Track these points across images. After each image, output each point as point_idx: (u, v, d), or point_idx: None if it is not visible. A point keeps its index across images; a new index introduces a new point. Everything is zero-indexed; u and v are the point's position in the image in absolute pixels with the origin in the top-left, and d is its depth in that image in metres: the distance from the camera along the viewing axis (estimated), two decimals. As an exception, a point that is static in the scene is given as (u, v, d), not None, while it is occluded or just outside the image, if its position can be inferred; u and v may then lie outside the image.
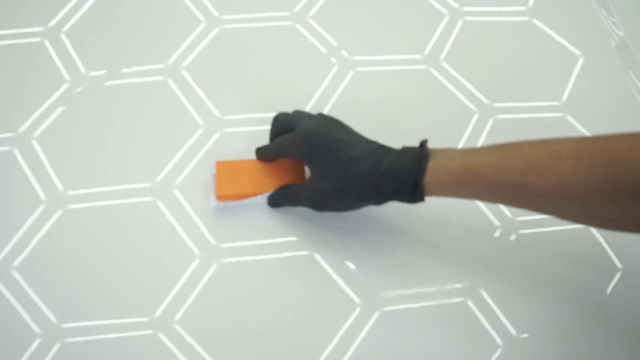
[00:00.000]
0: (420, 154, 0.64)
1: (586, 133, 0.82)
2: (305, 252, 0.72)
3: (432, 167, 0.63)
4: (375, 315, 0.70)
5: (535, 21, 0.90)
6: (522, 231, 0.75)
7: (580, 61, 0.87)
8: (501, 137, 0.79)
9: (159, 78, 0.80)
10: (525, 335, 0.70)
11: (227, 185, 0.71)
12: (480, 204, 0.76)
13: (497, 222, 0.76)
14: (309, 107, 0.80)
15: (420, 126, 0.81)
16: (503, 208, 0.76)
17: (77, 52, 0.81)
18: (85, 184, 0.74)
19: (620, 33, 0.90)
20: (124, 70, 0.80)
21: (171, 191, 0.74)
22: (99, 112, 0.78)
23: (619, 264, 0.75)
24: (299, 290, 0.71)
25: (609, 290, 0.73)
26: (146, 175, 0.75)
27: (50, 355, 0.65)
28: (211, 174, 0.73)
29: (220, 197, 0.71)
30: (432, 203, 0.76)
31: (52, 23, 0.83)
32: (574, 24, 0.90)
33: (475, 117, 0.82)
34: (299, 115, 0.70)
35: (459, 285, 0.72)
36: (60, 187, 0.73)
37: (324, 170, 0.66)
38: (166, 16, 0.85)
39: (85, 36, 0.82)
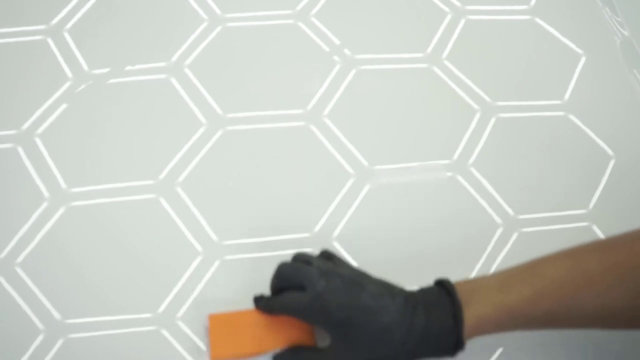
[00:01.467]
0: (452, 308, 0.58)
1: (588, 132, 0.82)
2: (307, 249, 0.72)
3: (470, 320, 0.58)
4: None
5: (537, 20, 0.90)
6: (524, 229, 0.75)
7: (583, 60, 0.87)
8: (503, 137, 0.80)
9: (162, 76, 0.80)
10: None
11: (223, 343, 0.62)
12: (482, 201, 0.76)
13: (499, 220, 0.76)
14: (312, 106, 0.80)
15: (421, 125, 0.81)
16: (505, 207, 0.76)
17: (80, 50, 0.81)
18: (88, 182, 0.74)
19: (625, 32, 0.90)
20: (128, 68, 0.80)
21: (174, 189, 0.74)
22: (102, 109, 0.78)
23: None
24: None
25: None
26: (149, 173, 0.75)
27: (54, 350, 0.65)
28: (204, 327, 0.65)
29: (215, 358, 0.62)
30: (433, 202, 0.76)
31: (54, 21, 0.83)
32: (577, 23, 0.90)
33: (478, 115, 0.82)
34: (308, 273, 0.60)
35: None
36: (63, 184, 0.73)
37: (351, 343, 0.58)
38: (169, 14, 0.85)
39: (88, 34, 0.82)
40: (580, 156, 0.81)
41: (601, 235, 0.76)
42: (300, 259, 0.63)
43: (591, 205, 0.78)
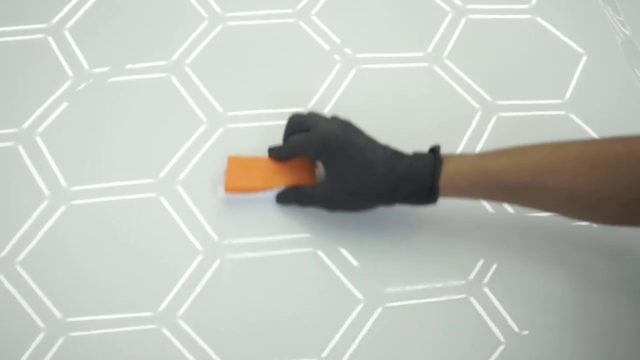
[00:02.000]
0: (434, 160, 0.66)
1: (589, 130, 0.82)
2: (308, 249, 0.72)
3: (447, 171, 0.65)
4: (378, 311, 0.70)
5: (538, 19, 0.90)
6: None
7: (584, 59, 0.87)
8: (504, 135, 0.80)
9: (162, 75, 0.80)
10: (527, 331, 0.71)
11: (237, 178, 0.72)
12: (485, 202, 0.76)
13: (499, 219, 0.76)
14: (312, 104, 0.80)
15: (423, 124, 0.81)
16: (507, 207, 0.76)
17: (81, 49, 0.81)
18: (89, 180, 0.74)
19: (627, 31, 0.90)
20: (128, 66, 0.80)
21: (174, 187, 0.74)
22: (102, 108, 0.78)
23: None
24: (302, 286, 0.71)
25: (613, 285, 0.73)
26: (149, 172, 0.75)
27: (54, 349, 0.65)
28: (222, 168, 0.74)
29: (228, 189, 0.72)
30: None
31: (55, 20, 0.83)
32: (578, 22, 0.90)
33: (478, 114, 0.82)
34: (315, 117, 0.70)
35: (462, 282, 0.72)
36: (63, 182, 0.73)
37: (341, 173, 0.67)
38: (169, 13, 0.85)
39: (89, 33, 0.82)
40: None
41: (604, 236, 0.76)
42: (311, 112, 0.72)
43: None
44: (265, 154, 0.74)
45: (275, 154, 0.73)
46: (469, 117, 0.82)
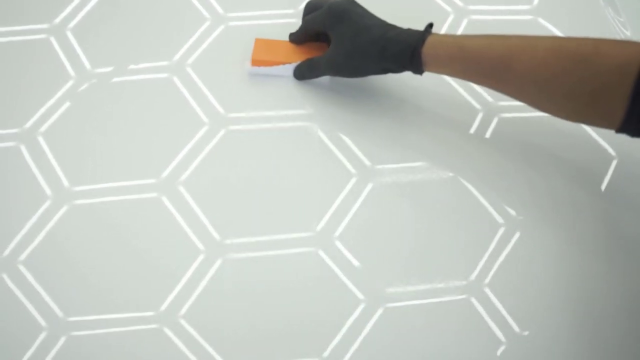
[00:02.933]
0: (422, 31, 0.74)
1: (590, 132, 0.82)
2: (309, 249, 0.72)
3: (430, 40, 0.73)
4: (379, 311, 0.70)
5: (540, 20, 0.90)
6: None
7: (585, 60, 0.87)
8: (506, 136, 0.80)
9: (164, 75, 0.81)
10: (528, 332, 0.71)
11: (262, 54, 0.82)
12: (485, 203, 0.76)
13: (500, 220, 0.76)
14: (314, 105, 0.80)
15: (423, 123, 0.81)
16: (507, 208, 0.76)
17: (83, 49, 0.81)
18: (91, 180, 0.74)
19: (628, 32, 0.90)
20: (131, 66, 0.81)
21: (176, 187, 0.74)
22: (105, 108, 0.78)
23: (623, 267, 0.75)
24: (303, 286, 0.71)
25: (613, 286, 0.74)
26: (151, 172, 0.75)
27: (56, 348, 0.65)
28: (249, 50, 0.82)
29: (254, 62, 0.81)
30: (439, 193, 0.77)
31: (57, 20, 0.83)
32: (580, 23, 0.90)
33: (480, 115, 0.82)
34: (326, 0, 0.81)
35: (463, 282, 0.72)
36: (65, 182, 0.73)
37: (341, 35, 0.76)
38: (171, 13, 0.85)
39: (91, 33, 0.82)
40: (583, 157, 0.81)
41: (603, 235, 0.76)
42: None
43: (593, 204, 0.78)
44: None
45: (294, 37, 0.83)
46: (470, 118, 0.81)
